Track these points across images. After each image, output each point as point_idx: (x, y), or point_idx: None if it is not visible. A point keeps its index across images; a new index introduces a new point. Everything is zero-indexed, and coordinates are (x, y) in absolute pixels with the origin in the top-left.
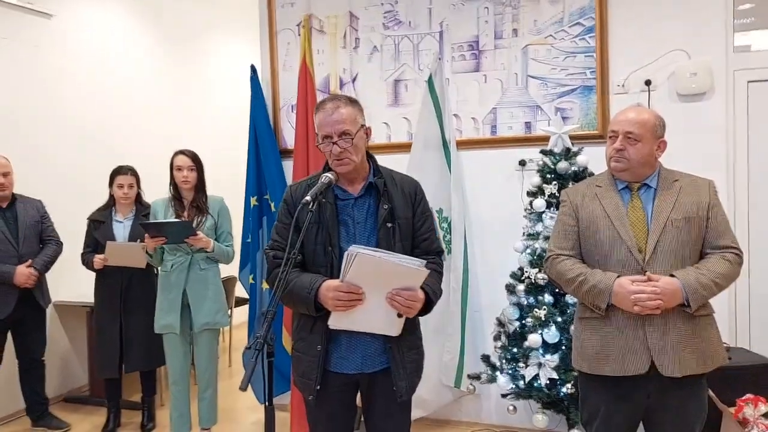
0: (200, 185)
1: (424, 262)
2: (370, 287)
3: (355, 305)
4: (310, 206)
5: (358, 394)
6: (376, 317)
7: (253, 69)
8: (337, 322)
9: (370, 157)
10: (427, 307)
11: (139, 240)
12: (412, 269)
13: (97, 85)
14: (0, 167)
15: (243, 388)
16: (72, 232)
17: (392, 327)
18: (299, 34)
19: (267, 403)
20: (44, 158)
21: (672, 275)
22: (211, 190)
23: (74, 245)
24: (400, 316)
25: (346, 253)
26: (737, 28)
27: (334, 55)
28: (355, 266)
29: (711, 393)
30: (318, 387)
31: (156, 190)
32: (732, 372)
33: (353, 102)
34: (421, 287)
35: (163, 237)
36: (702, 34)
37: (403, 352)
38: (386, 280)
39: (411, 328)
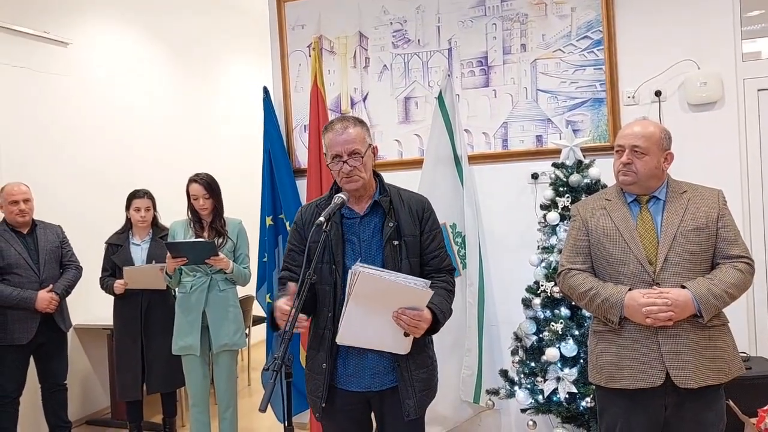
0: (218, 210)
1: (429, 282)
2: (375, 305)
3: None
4: (324, 227)
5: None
6: (382, 335)
7: (266, 90)
8: (344, 338)
9: (376, 176)
10: (434, 327)
11: (154, 262)
12: (416, 290)
13: (113, 109)
14: (20, 194)
15: (263, 410)
16: (90, 255)
17: (400, 345)
18: (310, 56)
19: (286, 424)
20: (61, 182)
21: (683, 286)
22: (227, 210)
23: (93, 268)
24: (406, 335)
25: (350, 271)
26: (746, 35)
27: (344, 74)
28: (359, 285)
29: (732, 404)
30: (323, 405)
31: (173, 213)
32: (752, 381)
33: (361, 122)
34: (428, 307)
35: (183, 257)
36: (710, 43)
37: (411, 370)
38: (391, 299)
39: (421, 345)
